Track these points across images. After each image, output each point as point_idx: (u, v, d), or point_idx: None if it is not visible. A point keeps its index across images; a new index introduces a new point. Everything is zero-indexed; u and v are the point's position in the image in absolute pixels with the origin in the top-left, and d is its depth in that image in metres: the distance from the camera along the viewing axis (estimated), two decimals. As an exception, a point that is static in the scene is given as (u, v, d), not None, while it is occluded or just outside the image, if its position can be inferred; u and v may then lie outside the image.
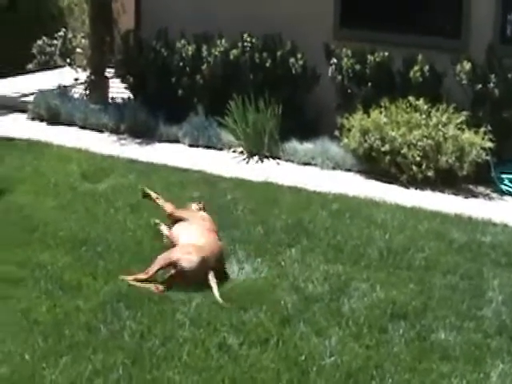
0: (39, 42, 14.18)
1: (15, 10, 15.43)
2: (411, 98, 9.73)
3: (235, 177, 9.31)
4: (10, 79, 13.24)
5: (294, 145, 10.31)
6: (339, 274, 6.63)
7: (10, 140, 10.16)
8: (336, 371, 5.16)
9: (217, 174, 9.39)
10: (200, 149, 10.58)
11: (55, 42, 14.31)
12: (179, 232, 6.75)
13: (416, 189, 9.31)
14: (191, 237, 6.58)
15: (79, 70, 12.61)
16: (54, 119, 11.35)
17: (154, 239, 7.06)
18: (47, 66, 14.19)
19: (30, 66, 14.09)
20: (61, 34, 13.51)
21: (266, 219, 7.81)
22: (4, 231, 7.20)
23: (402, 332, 5.70)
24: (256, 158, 10.30)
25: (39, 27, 14.49)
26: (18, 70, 13.58)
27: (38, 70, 14.00)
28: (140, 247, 6.92)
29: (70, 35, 13.57)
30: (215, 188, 8.80)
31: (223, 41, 10.90)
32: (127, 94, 11.71)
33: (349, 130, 9.88)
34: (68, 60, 13.91)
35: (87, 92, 11.79)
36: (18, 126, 11.07)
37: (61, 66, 14.21)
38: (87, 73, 12.00)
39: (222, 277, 6.37)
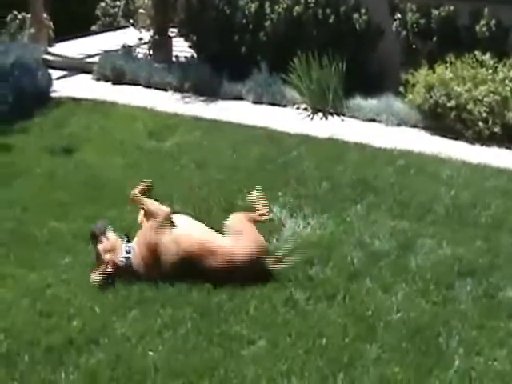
0: (102, 4, 14.32)
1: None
2: (477, 53, 9.56)
3: (300, 133, 9.29)
4: (75, 41, 13.38)
5: (358, 101, 10.24)
6: (405, 230, 6.62)
7: (76, 100, 10.28)
8: (403, 327, 5.19)
9: (281, 130, 9.38)
10: (264, 106, 10.58)
11: (118, 3, 14.46)
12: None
13: (482, 145, 9.18)
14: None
15: (142, 30, 12.68)
16: (118, 79, 11.45)
17: (218, 197, 7.09)
18: (111, 27, 14.34)
19: (94, 28, 14.24)
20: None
21: (331, 175, 7.82)
22: (73, 189, 7.36)
23: (469, 289, 5.69)
24: (320, 114, 10.26)
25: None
26: (83, 31, 13.72)
27: (101, 32, 14.14)
28: (205, 204, 6.98)
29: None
30: (280, 145, 8.80)
31: (287, -3, 10.83)
32: (190, 53, 11.73)
33: (413, 85, 9.76)
34: (131, 21, 14.05)
35: (151, 52, 11.86)
36: (84, 87, 11.19)
37: (124, 27, 14.37)
38: (150, 33, 12.05)
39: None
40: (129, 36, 13.25)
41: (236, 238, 5.78)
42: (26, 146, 8.55)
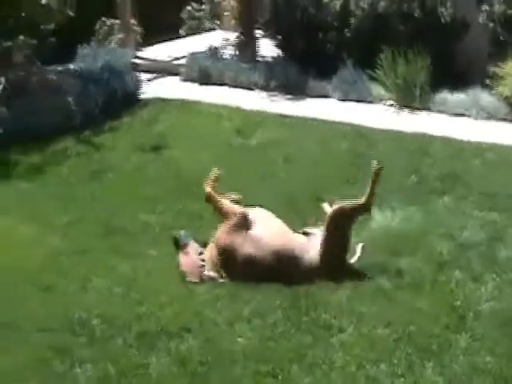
0: (188, 8, 14.53)
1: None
2: None
3: (387, 128, 9.24)
4: (162, 44, 13.59)
5: (445, 95, 10.11)
6: (494, 222, 6.54)
7: (164, 100, 10.46)
8: (493, 317, 5.12)
9: (368, 126, 9.35)
10: (350, 102, 10.55)
11: (204, 6, 14.64)
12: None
13: None
14: None
15: (228, 31, 12.81)
16: (205, 80, 11.58)
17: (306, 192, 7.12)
18: (197, 30, 14.52)
19: (181, 32, 14.44)
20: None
21: (418, 168, 7.77)
22: (163, 184, 7.51)
23: None
24: (407, 110, 10.17)
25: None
26: (171, 35, 13.92)
27: (188, 35, 14.32)
28: (291, 196, 7.01)
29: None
30: (368, 140, 8.78)
31: (371, -6, 10.80)
32: (276, 53, 11.79)
33: (502, 78, 9.59)
34: (217, 22, 14.23)
35: (237, 52, 11.97)
36: (172, 88, 11.38)
37: (210, 30, 14.52)
38: (236, 33, 12.15)
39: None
40: (215, 38, 13.39)
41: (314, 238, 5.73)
42: (115, 144, 8.77)
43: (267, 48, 12.03)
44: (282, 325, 5.05)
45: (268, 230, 5.73)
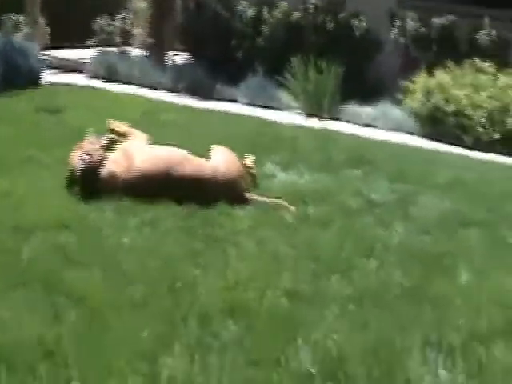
0: (100, 20, 14.13)
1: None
2: (477, 61, 9.34)
3: (294, 124, 8.99)
4: (68, 50, 13.13)
5: (353, 107, 9.93)
6: (405, 189, 6.28)
7: (68, 85, 10.03)
8: (403, 250, 4.75)
9: (275, 121, 9.07)
10: (258, 108, 10.26)
11: (116, 22, 14.29)
12: None
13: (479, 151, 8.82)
14: None
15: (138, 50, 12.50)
16: (111, 77, 11.15)
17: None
18: (107, 44, 14.11)
19: (89, 43, 14.01)
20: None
21: (326, 150, 7.50)
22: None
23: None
24: (315, 118, 9.95)
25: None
26: (79, 44, 13.49)
27: (96, 46, 13.90)
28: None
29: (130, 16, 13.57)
30: (273, 128, 8.49)
31: (284, 3, 10.69)
32: (186, 56, 11.52)
33: (411, 92, 9.51)
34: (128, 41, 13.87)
35: (146, 53, 11.63)
36: (77, 79, 10.93)
37: (120, 45, 14.14)
38: (146, 34, 11.84)
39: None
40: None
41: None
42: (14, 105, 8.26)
43: (178, 52, 11.75)
44: (175, 234, 4.55)
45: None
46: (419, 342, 3.50)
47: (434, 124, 9.27)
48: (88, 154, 5.26)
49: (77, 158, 5.27)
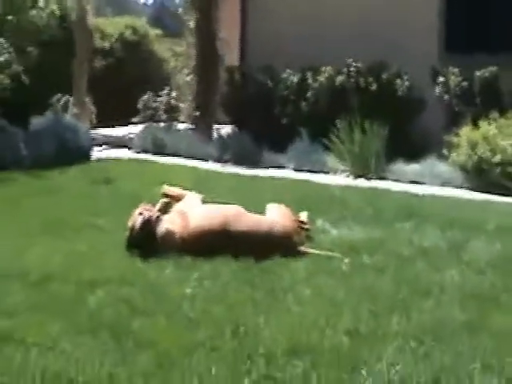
0: (145, 97, 14.54)
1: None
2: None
3: (342, 184, 9.15)
4: (114, 129, 13.55)
5: (400, 166, 10.04)
6: (456, 236, 6.32)
7: (117, 159, 10.32)
8: (459, 291, 4.82)
9: (323, 183, 9.24)
10: (305, 173, 10.42)
11: (160, 98, 14.67)
12: None
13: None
14: None
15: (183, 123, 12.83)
16: (159, 150, 11.44)
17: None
18: (152, 120, 14.48)
19: (134, 120, 14.40)
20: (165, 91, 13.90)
21: (375, 204, 7.62)
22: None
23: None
24: (362, 179, 10.06)
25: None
26: (124, 122, 13.89)
27: (141, 123, 14.29)
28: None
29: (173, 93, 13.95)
30: (323, 189, 8.64)
31: (328, 68, 10.94)
32: (231, 127, 11.78)
33: (457, 146, 9.61)
34: (173, 115, 14.22)
35: (192, 126, 11.92)
36: (125, 153, 11.26)
37: (165, 120, 14.50)
38: (192, 107, 12.14)
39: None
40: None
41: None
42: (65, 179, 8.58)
43: (224, 123, 12.03)
44: (234, 284, 4.68)
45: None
46: (480, 369, 3.54)
47: (481, 176, 9.33)
48: (147, 210, 5.46)
49: (136, 215, 5.45)
